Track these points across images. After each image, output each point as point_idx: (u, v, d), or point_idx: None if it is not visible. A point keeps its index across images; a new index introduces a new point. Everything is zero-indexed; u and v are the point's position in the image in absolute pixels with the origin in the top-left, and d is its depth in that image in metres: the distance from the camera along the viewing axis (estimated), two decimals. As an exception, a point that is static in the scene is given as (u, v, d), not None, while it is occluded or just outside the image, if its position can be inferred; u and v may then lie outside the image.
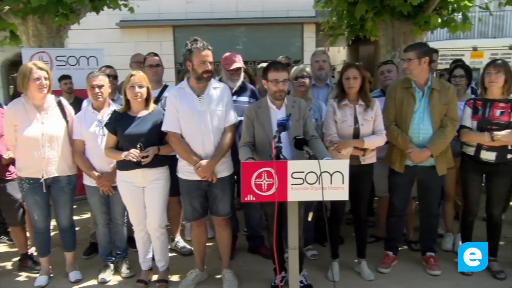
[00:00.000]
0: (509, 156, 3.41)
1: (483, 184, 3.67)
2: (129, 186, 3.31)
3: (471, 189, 3.57)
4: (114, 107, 3.51)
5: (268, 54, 12.70)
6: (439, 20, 5.42)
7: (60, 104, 3.46)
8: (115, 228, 3.70)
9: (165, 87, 4.07)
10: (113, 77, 4.16)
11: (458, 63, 4.51)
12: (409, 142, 3.39)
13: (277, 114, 3.07)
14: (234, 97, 3.79)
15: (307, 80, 3.65)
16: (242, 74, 3.99)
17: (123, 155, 3.16)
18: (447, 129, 3.36)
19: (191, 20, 13.59)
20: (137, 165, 3.18)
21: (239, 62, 3.82)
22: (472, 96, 3.99)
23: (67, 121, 3.46)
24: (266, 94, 3.20)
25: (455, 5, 5.62)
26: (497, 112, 3.32)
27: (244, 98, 3.85)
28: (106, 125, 3.32)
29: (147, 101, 3.31)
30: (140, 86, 3.22)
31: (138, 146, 3.15)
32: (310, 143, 3.00)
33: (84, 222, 4.84)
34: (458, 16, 5.78)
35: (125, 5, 6.27)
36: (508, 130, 3.28)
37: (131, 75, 3.24)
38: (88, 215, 4.59)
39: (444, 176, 3.59)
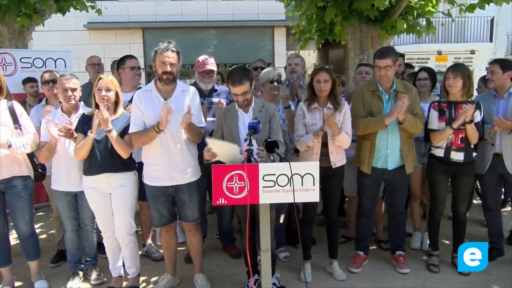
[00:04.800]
0: (473, 154, 3.57)
1: (449, 184, 3.79)
2: (95, 191, 3.23)
3: (439, 189, 3.69)
4: (84, 110, 3.43)
5: (239, 57, 12.76)
6: (405, 25, 5.59)
7: (11, 109, 3.32)
8: (84, 234, 3.60)
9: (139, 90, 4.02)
10: (52, 81, 4.03)
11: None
12: (383, 117, 3.40)
13: (244, 117, 3.08)
14: (207, 99, 3.80)
15: (279, 85, 3.70)
16: (215, 77, 4.00)
17: (89, 132, 3.11)
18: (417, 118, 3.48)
19: (160, 22, 13.48)
20: (101, 169, 3.12)
21: (210, 65, 3.83)
22: (437, 98, 4.12)
23: (19, 125, 3.30)
24: None
25: (420, 11, 5.83)
26: (461, 113, 3.44)
27: (216, 100, 3.85)
28: (76, 128, 3.25)
29: (116, 105, 3.24)
30: (108, 90, 3.15)
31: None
32: None
33: (50, 229, 4.70)
34: (423, 21, 5.98)
35: (92, 7, 6.14)
36: (461, 120, 3.37)
37: (99, 79, 3.17)
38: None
39: (409, 176, 3.70)
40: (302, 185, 2.54)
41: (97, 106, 3.19)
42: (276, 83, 3.68)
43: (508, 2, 5.01)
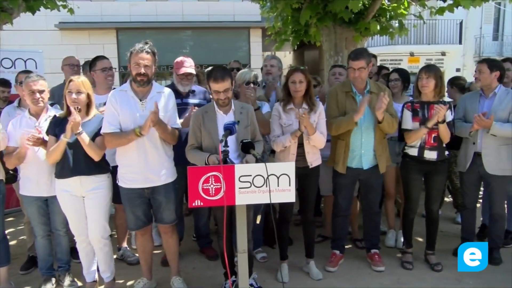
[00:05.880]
0: (446, 153, 3.66)
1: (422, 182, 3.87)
2: (68, 195, 3.15)
3: (413, 188, 3.76)
4: (54, 112, 3.35)
5: (215, 58, 12.71)
6: (378, 27, 5.69)
7: None
8: (56, 239, 3.51)
9: None
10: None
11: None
12: (352, 115, 3.44)
13: (224, 119, 3.05)
14: (185, 100, 3.77)
15: (255, 86, 3.70)
16: (194, 79, 3.97)
17: (62, 136, 3.01)
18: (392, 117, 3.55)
19: (135, 22, 13.30)
20: (74, 172, 3.06)
21: (188, 68, 3.78)
22: (411, 98, 4.20)
23: None
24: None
25: (392, 13, 5.95)
26: (434, 113, 3.52)
27: (194, 101, 3.82)
28: (47, 130, 3.16)
29: (88, 107, 3.17)
30: (78, 92, 3.08)
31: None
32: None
33: (21, 234, 4.56)
34: (395, 23, 6.10)
35: (64, 6, 5.99)
36: (435, 119, 3.44)
37: (70, 80, 3.10)
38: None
39: (384, 175, 3.77)
40: (278, 186, 2.55)
41: (68, 108, 3.12)
42: (252, 84, 3.69)
43: (475, 5, 5.16)
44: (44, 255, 3.52)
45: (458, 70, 17.68)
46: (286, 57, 20.47)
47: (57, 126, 3.12)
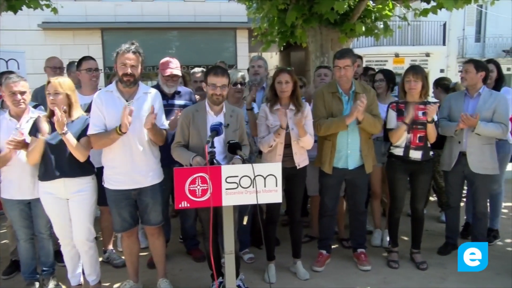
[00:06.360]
0: (431, 153, 3.71)
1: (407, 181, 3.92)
2: (52, 197, 3.10)
3: (398, 187, 3.80)
4: (37, 113, 3.30)
5: (202, 59, 12.67)
6: (363, 28, 5.74)
7: None
8: (39, 243, 3.45)
9: None
10: None
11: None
12: (344, 118, 3.47)
13: (214, 120, 3.05)
14: (170, 101, 3.74)
15: (243, 87, 3.70)
16: (180, 80, 3.96)
17: (39, 134, 2.99)
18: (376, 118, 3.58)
19: (120, 23, 13.17)
20: (57, 174, 3.01)
21: (174, 69, 3.76)
22: (396, 98, 4.25)
23: None
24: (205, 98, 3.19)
25: (377, 14, 6.01)
26: (420, 113, 3.56)
27: (180, 102, 3.80)
28: (29, 132, 3.11)
29: (70, 108, 3.11)
30: (56, 94, 3.02)
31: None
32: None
33: (3, 238, 4.47)
34: (380, 24, 6.17)
35: (47, 6, 5.89)
36: (411, 114, 3.50)
37: (48, 82, 3.05)
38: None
39: (370, 175, 3.80)
40: (265, 186, 2.56)
41: (52, 110, 3.07)
42: (239, 85, 3.69)
43: (457, 7, 5.25)
44: (27, 259, 3.45)
45: (442, 71, 17.94)
46: (273, 58, 20.49)
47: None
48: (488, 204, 4.00)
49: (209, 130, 2.97)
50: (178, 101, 3.80)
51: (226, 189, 2.52)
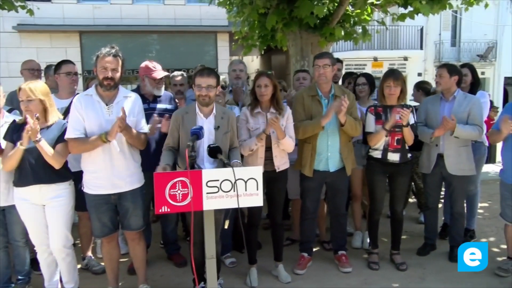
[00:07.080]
0: (408, 155, 3.77)
1: (386, 184, 3.97)
2: (27, 204, 3.03)
3: (377, 189, 3.85)
4: (12, 117, 3.22)
5: (182, 62, 12.59)
6: (342, 32, 5.81)
7: None
8: (14, 251, 3.36)
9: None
10: None
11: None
12: (319, 119, 3.49)
13: (204, 122, 3.04)
14: (152, 105, 3.72)
15: (224, 91, 3.71)
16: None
17: (18, 143, 2.89)
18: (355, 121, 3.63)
19: (99, 26, 12.98)
20: (33, 180, 2.95)
21: (163, 71, 3.80)
22: (375, 102, 4.30)
23: None
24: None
25: (356, 19, 6.10)
26: (397, 116, 3.62)
27: (161, 106, 3.78)
28: (4, 136, 3.03)
29: (45, 112, 3.04)
30: (29, 100, 2.95)
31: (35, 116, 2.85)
32: (230, 151, 3.11)
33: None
34: (359, 28, 6.26)
35: (23, 7, 5.77)
36: (393, 120, 3.56)
37: (19, 88, 2.97)
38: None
39: (350, 177, 3.83)
40: (246, 190, 2.55)
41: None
42: (221, 89, 3.68)
43: (433, 13, 5.38)
44: (1, 268, 3.34)
45: (419, 74, 18.30)
46: (254, 62, 20.53)
47: (15, 132, 2.99)
48: (465, 204, 4.09)
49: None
50: (159, 105, 3.77)
51: (207, 193, 2.51)
